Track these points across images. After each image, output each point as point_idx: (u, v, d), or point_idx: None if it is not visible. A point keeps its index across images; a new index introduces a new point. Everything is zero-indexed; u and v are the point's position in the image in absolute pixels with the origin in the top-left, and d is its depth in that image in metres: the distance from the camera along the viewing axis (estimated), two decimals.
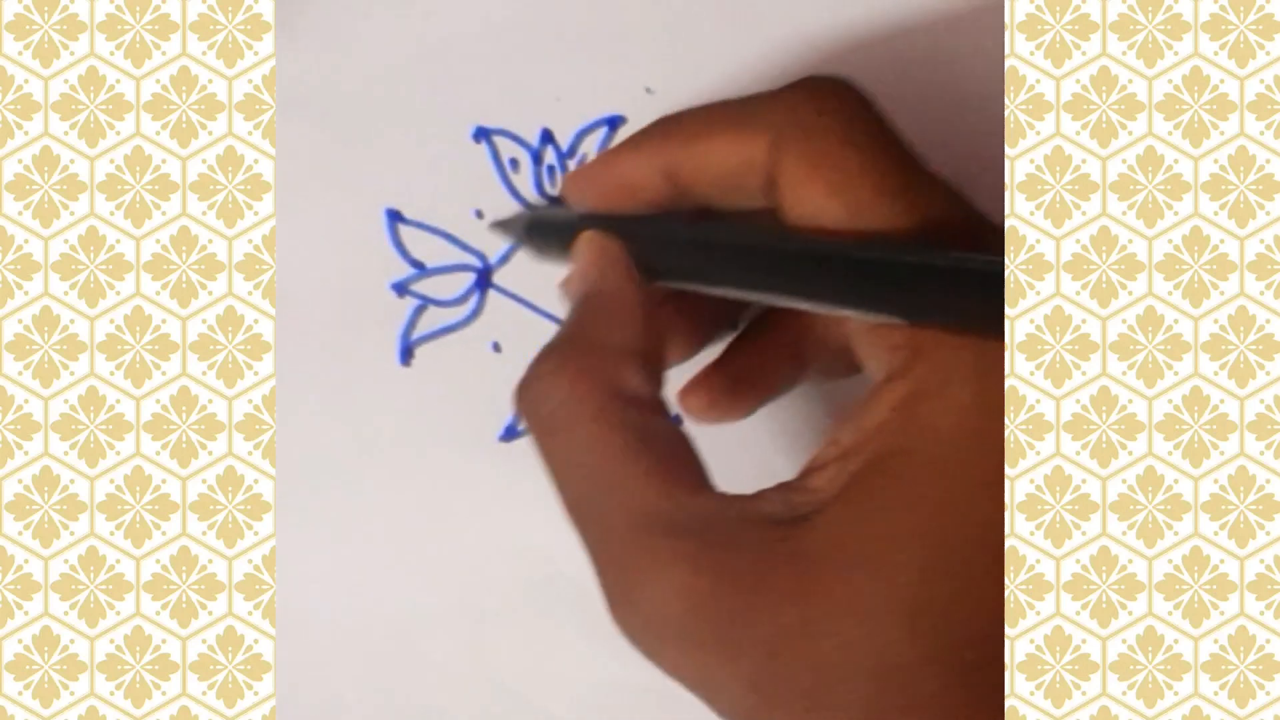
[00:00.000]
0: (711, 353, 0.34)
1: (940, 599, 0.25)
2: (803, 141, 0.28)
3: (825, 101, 0.29)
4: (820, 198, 0.28)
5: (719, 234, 0.30)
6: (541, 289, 0.37)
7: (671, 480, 0.27)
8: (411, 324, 0.38)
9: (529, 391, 0.29)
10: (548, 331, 0.37)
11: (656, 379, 0.30)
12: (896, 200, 0.27)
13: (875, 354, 0.28)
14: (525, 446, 0.37)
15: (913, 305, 0.26)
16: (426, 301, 0.38)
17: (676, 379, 0.37)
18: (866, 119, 0.29)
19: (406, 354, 0.38)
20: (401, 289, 0.38)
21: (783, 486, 0.27)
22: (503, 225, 0.37)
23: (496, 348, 0.37)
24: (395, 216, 0.38)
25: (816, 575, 0.25)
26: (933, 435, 0.26)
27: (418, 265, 0.38)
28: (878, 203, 0.28)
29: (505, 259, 0.37)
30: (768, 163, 0.29)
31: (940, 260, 0.26)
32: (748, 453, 0.36)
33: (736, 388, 0.33)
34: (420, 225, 0.38)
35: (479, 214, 0.38)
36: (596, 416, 0.28)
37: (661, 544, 0.26)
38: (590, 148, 0.38)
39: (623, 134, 0.37)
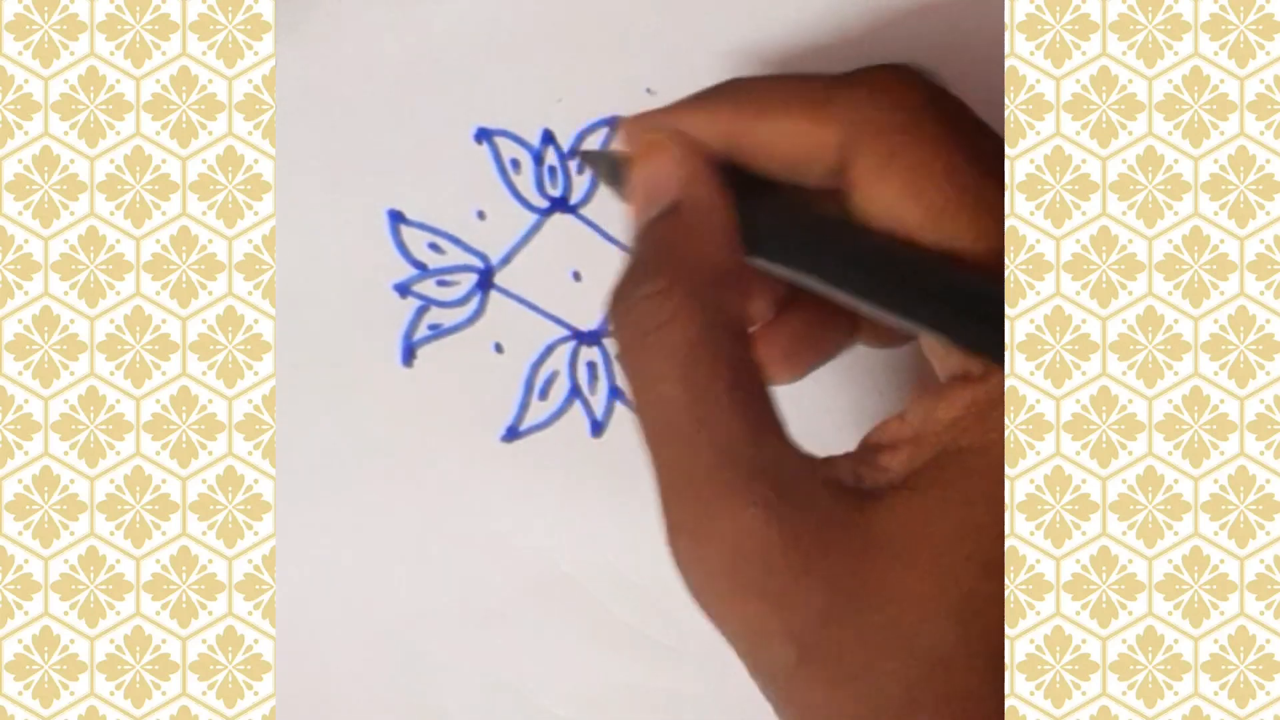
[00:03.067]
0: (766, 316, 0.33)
1: (992, 596, 0.26)
2: (876, 139, 0.28)
3: (899, 96, 0.28)
4: (896, 199, 0.27)
5: (811, 224, 0.29)
6: (543, 290, 0.37)
7: (760, 424, 0.27)
8: (414, 325, 0.38)
9: (634, 311, 0.28)
10: (550, 332, 0.37)
11: (746, 305, 0.29)
12: (976, 208, 0.27)
13: (950, 351, 0.27)
14: (527, 447, 0.37)
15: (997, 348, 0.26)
16: (429, 302, 0.38)
17: None
18: (941, 117, 0.28)
19: (409, 354, 0.38)
20: (404, 290, 0.38)
21: (852, 458, 0.27)
22: (589, 156, 0.36)
23: (498, 349, 0.37)
24: (397, 217, 0.38)
25: (879, 554, 0.26)
26: (1001, 439, 0.26)
27: (419, 266, 0.38)
28: (958, 209, 0.27)
29: (507, 260, 0.37)
30: (838, 154, 0.28)
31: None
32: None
33: (789, 351, 0.32)
34: (422, 226, 0.38)
35: (481, 215, 0.38)
36: (697, 346, 0.27)
37: (743, 485, 0.26)
38: (591, 149, 0.38)
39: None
